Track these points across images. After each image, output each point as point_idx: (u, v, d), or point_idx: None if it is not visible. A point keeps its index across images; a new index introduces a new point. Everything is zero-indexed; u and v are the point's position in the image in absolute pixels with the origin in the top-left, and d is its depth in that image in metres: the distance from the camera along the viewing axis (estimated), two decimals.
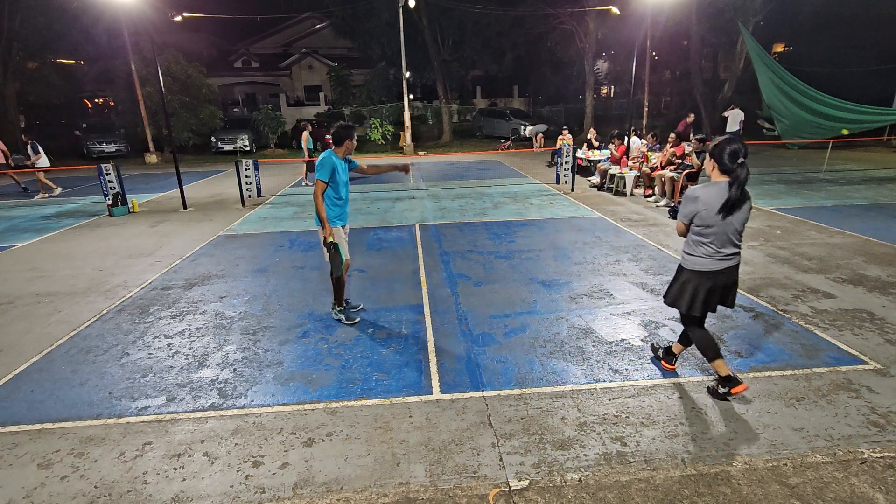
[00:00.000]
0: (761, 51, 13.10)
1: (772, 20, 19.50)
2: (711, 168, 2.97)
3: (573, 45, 23.72)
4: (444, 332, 4.26)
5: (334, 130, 4.27)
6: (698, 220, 2.97)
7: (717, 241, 2.97)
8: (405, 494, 2.50)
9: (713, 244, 2.98)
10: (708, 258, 3.02)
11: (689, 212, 3.00)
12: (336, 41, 32.37)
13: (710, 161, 2.95)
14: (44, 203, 11.24)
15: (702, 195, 2.92)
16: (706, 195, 2.91)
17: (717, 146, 2.91)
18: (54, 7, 17.93)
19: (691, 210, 2.98)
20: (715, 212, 2.88)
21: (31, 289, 5.63)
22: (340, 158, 4.25)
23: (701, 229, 2.98)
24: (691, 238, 3.07)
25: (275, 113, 22.30)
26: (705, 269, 3.03)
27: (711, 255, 3.00)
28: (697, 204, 2.94)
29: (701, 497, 2.44)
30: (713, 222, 2.92)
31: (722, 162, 2.89)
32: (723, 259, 3.01)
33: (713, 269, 3.02)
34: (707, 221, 2.93)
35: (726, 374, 3.13)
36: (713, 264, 3.02)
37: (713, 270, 3.03)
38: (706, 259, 3.02)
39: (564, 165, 10.89)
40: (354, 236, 7.42)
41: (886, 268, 5.54)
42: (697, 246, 3.04)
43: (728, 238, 2.97)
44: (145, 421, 3.16)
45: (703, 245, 3.01)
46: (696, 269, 3.06)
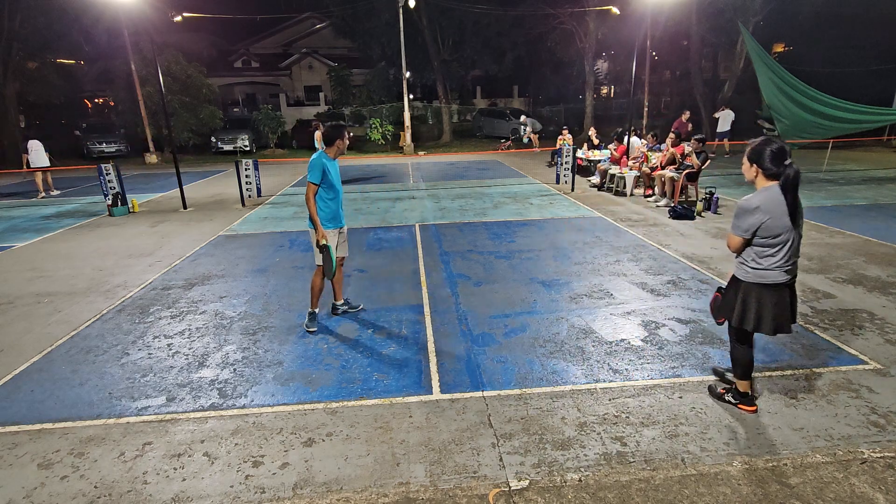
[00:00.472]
0: (761, 51, 13.09)
1: (772, 20, 19.50)
2: (755, 174, 2.75)
3: (573, 45, 23.71)
4: (444, 332, 4.26)
5: (325, 130, 4.25)
6: (763, 232, 2.68)
7: (786, 251, 2.71)
8: (405, 494, 2.50)
9: (781, 254, 2.72)
10: (776, 269, 2.74)
11: (750, 225, 2.69)
12: (336, 41, 32.36)
13: (752, 167, 2.73)
14: (44, 203, 11.24)
15: (762, 204, 2.65)
16: (766, 203, 2.64)
17: (756, 150, 2.70)
18: (54, 7, 17.91)
19: (753, 223, 2.68)
20: (780, 219, 2.63)
21: (31, 289, 5.63)
22: (332, 159, 4.22)
23: (767, 240, 2.70)
24: (754, 250, 2.77)
25: (275, 113, 22.29)
26: (772, 282, 2.77)
27: (780, 265, 2.73)
28: (758, 214, 2.65)
29: (701, 497, 2.44)
30: (780, 230, 2.65)
31: (765, 166, 2.67)
32: (790, 270, 2.77)
33: (780, 282, 2.77)
34: (773, 231, 2.66)
35: (745, 391, 3.07)
36: (781, 276, 2.76)
37: (780, 283, 2.77)
38: (774, 271, 2.75)
39: (564, 165, 10.89)
40: (354, 236, 7.42)
41: (886, 268, 5.54)
42: (763, 258, 2.75)
43: (796, 246, 2.73)
44: (145, 421, 3.16)
45: (769, 256, 2.74)
46: (762, 281, 2.78)
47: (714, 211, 8.35)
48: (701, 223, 7.75)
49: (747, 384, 3.06)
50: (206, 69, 21.98)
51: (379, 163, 17.48)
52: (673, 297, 4.87)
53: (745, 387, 3.06)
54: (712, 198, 8.38)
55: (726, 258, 6.00)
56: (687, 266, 5.75)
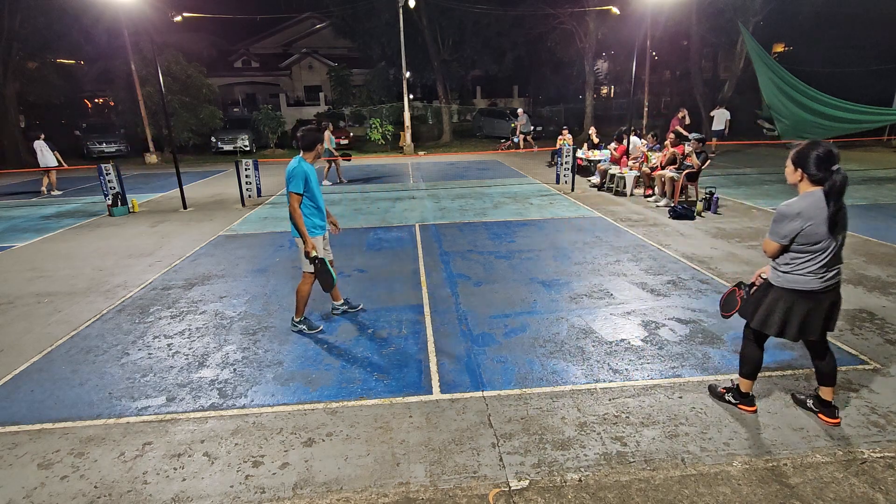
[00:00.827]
0: (761, 51, 13.09)
1: (772, 20, 19.50)
2: (799, 178, 2.63)
3: (573, 45, 23.71)
4: (444, 332, 4.26)
5: (302, 134, 4.01)
6: (802, 239, 2.58)
7: (823, 259, 2.60)
8: (405, 494, 2.50)
9: (818, 262, 2.61)
10: (811, 276, 2.64)
11: (790, 231, 2.59)
12: (336, 41, 32.35)
13: (796, 171, 2.63)
14: (44, 203, 11.25)
15: (803, 209, 2.55)
16: (807, 209, 2.54)
17: (801, 153, 2.59)
18: (54, 7, 17.91)
19: (793, 228, 2.57)
20: (820, 226, 2.53)
21: (31, 289, 5.63)
22: (311, 164, 4.05)
23: (805, 247, 2.60)
24: (789, 255, 2.69)
25: (275, 113, 22.30)
26: (805, 289, 2.67)
27: (816, 273, 2.63)
28: (798, 221, 2.55)
29: (701, 497, 2.44)
30: (820, 238, 2.55)
31: (810, 171, 2.56)
32: (826, 278, 2.65)
33: (814, 289, 2.66)
34: (812, 238, 2.56)
35: (746, 391, 3.06)
36: (815, 283, 2.65)
37: (814, 290, 2.66)
38: (809, 277, 2.65)
39: (564, 165, 10.89)
40: (354, 236, 7.43)
41: (886, 268, 5.54)
42: (798, 263, 2.66)
43: (835, 255, 2.62)
44: (145, 421, 3.16)
45: (804, 262, 2.65)
46: (794, 287, 2.68)
47: (714, 211, 8.35)
48: (701, 223, 7.75)
49: (750, 384, 3.04)
50: (206, 69, 21.97)
51: (379, 163, 17.48)
52: (673, 297, 4.87)
53: (748, 387, 3.05)
54: (712, 198, 8.38)
55: (726, 258, 6.00)
56: (687, 266, 5.75)
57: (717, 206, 8.40)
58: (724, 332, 4.11)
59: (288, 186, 3.94)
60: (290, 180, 3.92)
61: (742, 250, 6.30)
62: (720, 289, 5.03)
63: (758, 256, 6.04)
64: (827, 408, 2.97)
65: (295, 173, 3.91)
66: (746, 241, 6.68)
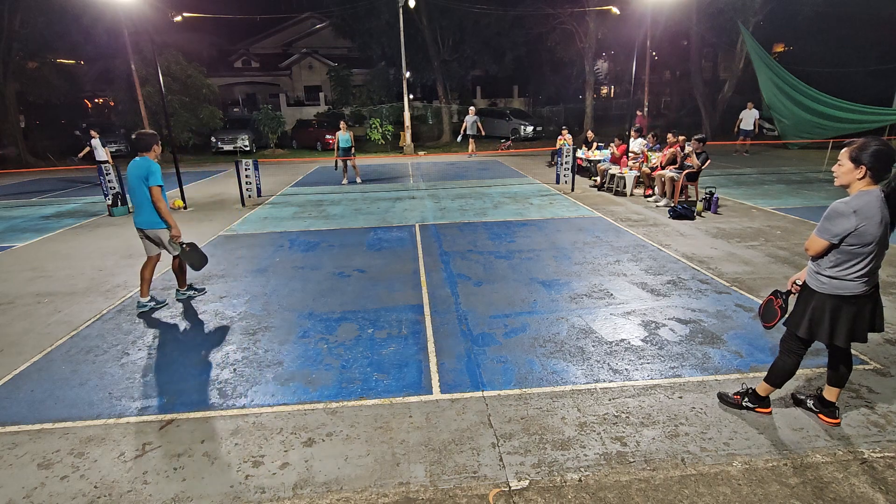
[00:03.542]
0: (761, 51, 13.12)
1: (772, 20, 19.51)
2: (859, 175, 2.50)
3: (573, 45, 23.71)
4: (444, 332, 4.26)
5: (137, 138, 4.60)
6: (853, 239, 2.47)
7: (870, 261, 2.52)
8: (405, 494, 2.50)
9: (864, 264, 2.52)
10: (858, 281, 2.56)
11: (844, 229, 2.48)
12: (336, 41, 32.36)
13: (858, 168, 2.49)
14: (44, 203, 11.25)
15: (860, 207, 2.44)
16: (864, 207, 2.44)
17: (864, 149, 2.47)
18: (54, 7, 17.90)
19: (847, 227, 2.47)
20: (873, 227, 2.44)
21: (31, 289, 5.63)
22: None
23: (855, 248, 2.50)
24: (836, 258, 2.57)
25: (275, 113, 22.29)
26: (850, 294, 2.58)
27: (860, 276, 2.55)
28: (854, 219, 2.45)
29: (701, 497, 2.44)
30: (871, 239, 2.46)
31: (876, 168, 2.46)
32: (872, 281, 2.58)
33: (858, 293, 2.58)
34: (866, 239, 2.46)
35: (765, 394, 3.01)
36: (860, 287, 2.57)
37: (858, 294, 2.58)
38: (856, 283, 2.56)
39: (564, 165, 10.90)
40: (354, 236, 7.43)
41: (886, 268, 5.54)
42: (846, 267, 2.55)
43: (880, 255, 2.54)
44: (145, 421, 3.16)
45: (854, 266, 2.54)
46: (839, 293, 2.59)
47: (714, 211, 8.35)
48: (701, 223, 7.75)
49: (772, 390, 2.98)
50: (206, 69, 21.97)
51: (379, 163, 17.48)
52: (673, 297, 4.87)
53: (768, 391, 2.99)
54: (712, 198, 8.37)
55: (726, 258, 6.00)
56: (687, 266, 5.75)
57: (717, 206, 8.40)
58: (723, 331, 4.11)
59: (148, 181, 4.51)
60: (150, 176, 4.50)
61: (742, 250, 6.30)
62: (720, 289, 5.04)
63: (758, 256, 6.04)
64: (827, 408, 2.96)
65: (153, 169, 4.51)
66: (746, 241, 6.68)
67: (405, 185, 12.26)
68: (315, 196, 11.12)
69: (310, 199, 10.70)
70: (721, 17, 18.56)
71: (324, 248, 6.92)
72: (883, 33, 17.87)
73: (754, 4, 17.71)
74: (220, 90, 26.82)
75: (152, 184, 4.50)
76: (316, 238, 7.44)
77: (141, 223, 4.74)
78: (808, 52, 20.00)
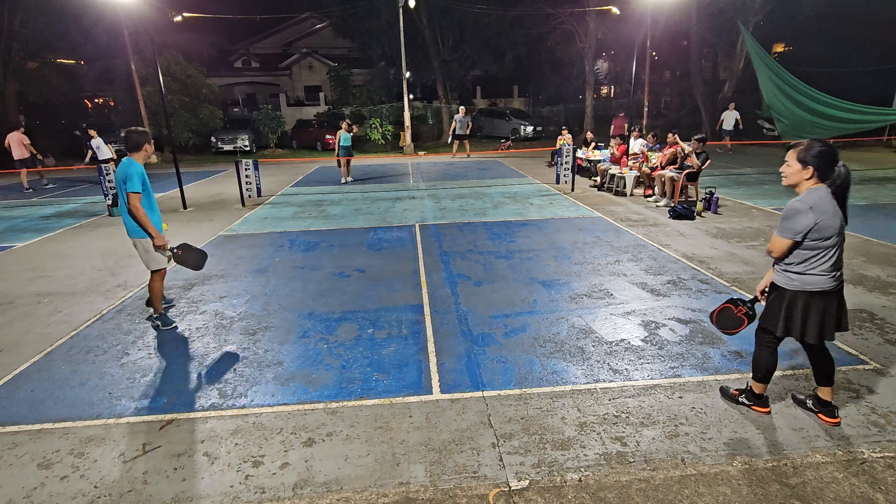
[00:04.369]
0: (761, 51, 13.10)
1: (772, 20, 19.51)
2: (808, 175, 2.62)
3: (573, 45, 23.70)
4: (444, 332, 4.26)
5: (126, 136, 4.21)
6: (815, 234, 2.57)
7: (835, 256, 2.63)
8: (405, 494, 2.50)
9: (831, 258, 2.62)
10: (825, 276, 2.64)
11: (804, 226, 2.57)
12: (336, 41, 32.35)
13: (805, 168, 2.62)
14: (44, 203, 11.25)
15: (814, 203, 2.56)
16: (818, 202, 2.56)
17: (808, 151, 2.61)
18: (54, 7, 17.90)
19: (807, 223, 2.56)
20: (831, 220, 2.55)
21: (31, 289, 5.63)
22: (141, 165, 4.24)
23: (817, 243, 2.59)
24: (802, 255, 2.65)
25: (275, 113, 22.29)
26: (819, 290, 2.65)
27: (829, 272, 2.63)
28: (812, 214, 2.54)
29: (701, 497, 2.44)
30: (832, 233, 2.57)
31: (820, 167, 2.59)
32: (837, 276, 2.67)
33: (827, 289, 2.66)
34: (825, 233, 2.56)
35: (760, 393, 3.04)
36: (828, 283, 2.65)
37: (827, 290, 2.66)
38: (823, 277, 2.64)
39: (564, 165, 10.90)
40: (354, 236, 7.43)
41: (886, 268, 5.54)
42: (811, 263, 2.64)
43: (839, 249, 2.64)
44: (145, 421, 3.16)
45: (820, 261, 2.62)
46: (809, 289, 2.67)
47: (714, 211, 8.35)
48: (701, 223, 7.75)
49: (763, 387, 3.02)
50: (206, 69, 21.97)
51: (379, 163, 17.48)
52: (673, 297, 4.87)
53: (761, 389, 3.03)
54: (712, 198, 8.38)
55: (726, 258, 6.00)
56: (687, 266, 5.75)
57: (717, 206, 8.40)
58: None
59: (125, 187, 4.08)
60: (127, 180, 4.07)
61: (742, 250, 6.30)
62: (720, 289, 5.04)
63: (758, 256, 6.04)
64: (826, 407, 2.96)
65: (130, 173, 4.07)
66: (746, 241, 6.68)
67: (405, 185, 12.26)
68: (315, 196, 11.12)
69: (310, 199, 10.70)
70: (721, 17, 18.57)
71: (324, 248, 6.92)
72: (883, 33, 17.86)
73: (754, 4, 17.71)
74: (220, 90, 26.81)
75: (129, 189, 4.07)
76: (316, 238, 7.44)
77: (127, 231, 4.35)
78: (808, 52, 19.98)
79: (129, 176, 4.08)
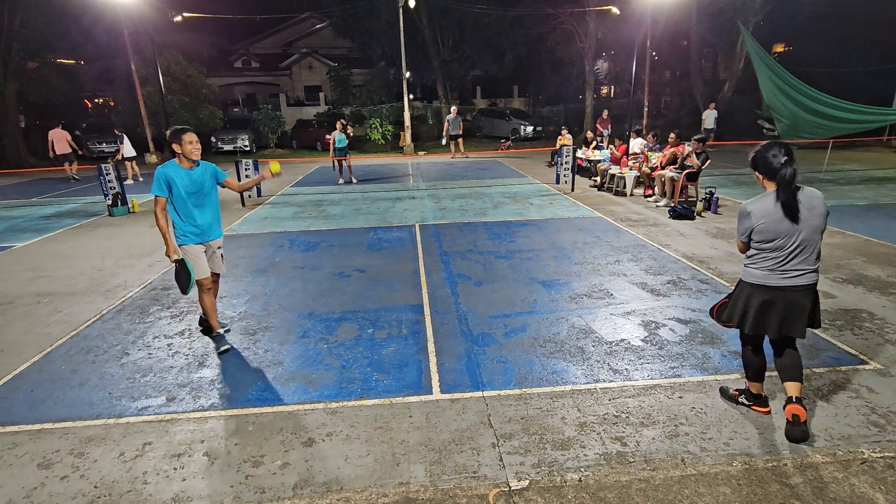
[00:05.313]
0: (761, 51, 13.09)
1: (772, 20, 19.52)
2: (759, 179, 2.78)
3: (573, 45, 23.71)
4: (444, 332, 4.26)
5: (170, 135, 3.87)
6: (756, 236, 2.73)
7: (779, 256, 2.70)
8: (405, 494, 2.50)
9: (773, 258, 2.73)
10: (767, 272, 2.76)
11: (744, 229, 2.77)
12: (336, 41, 32.40)
13: (756, 174, 2.77)
14: (44, 203, 11.25)
15: (754, 209, 2.71)
16: (758, 208, 2.70)
17: (754, 155, 2.73)
18: (54, 7, 17.90)
19: (746, 227, 2.76)
20: (774, 224, 2.65)
21: (31, 289, 5.63)
22: (181, 166, 3.87)
23: (759, 244, 2.75)
24: (750, 251, 2.84)
25: (275, 113, 22.29)
26: (761, 284, 2.79)
27: (772, 269, 2.74)
28: (751, 219, 2.71)
29: (701, 497, 2.44)
30: (774, 235, 2.67)
31: (761, 170, 2.71)
32: (786, 276, 2.72)
33: (770, 285, 2.76)
34: (765, 236, 2.69)
35: (758, 392, 3.05)
36: (772, 279, 2.75)
37: (770, 286, 2.76)
38: (764, 272, 2.77)
39: (564, 165, 10.90)
40: (354, 236, 7.43)
41: (886, 268, 5.54)
42: (756, 259, 2.80)
43: (793, 252, 2.68)
44: (145, 421, 3.16)
45: (761, 259, 2.78)
46: (751, 281, 2.82)
47: (714, 211, 8.35)
48: (701, 223, 7.75)
49: (759, 386, 3.03)
50: (206, 69, 21.99)
51: (379, 163, 17.48)
52: (673, 297, 4.87)
53: (758, 388, 3.04)
54: (712, 198, 8.38)
55: (726, 258, 6.00)
56: (687, 266, 5.75)
57: (717, 206, 8.40)
58: (724, 331, 4.11)
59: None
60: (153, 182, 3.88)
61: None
62: (720, 289, 5.04)
63: None
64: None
65: (156, 176, 3.88)
66: None
67: (405, 185, 12.26)
68: (315, 196, 11.12)
69: (310, 199, 10.70)
70: (721, 17, 18.58)
71: (324, 248, 6.92)
72: (883, 33, 17.87)
73: (754, 4, 17.72)
74: (220, 90, 26.82)
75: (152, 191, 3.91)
76: (316, 238, 7.44)
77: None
78: (808, 52, 19.99)
79: (154, 179, 3.91)
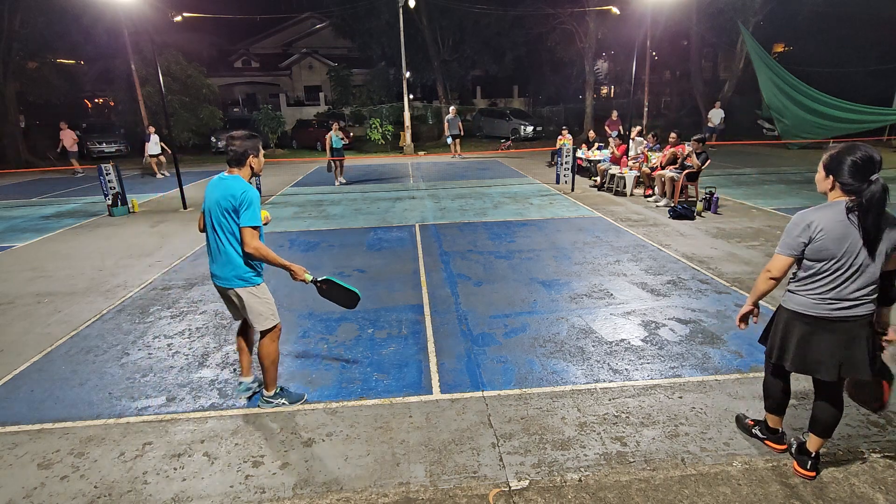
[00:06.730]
0: (761, 51, 13.11)
1: (772, 20, 19.52)
2: (829, 186, 2.27)
3: (573, 45, 23.72)
4: (444, 332, 4.26)
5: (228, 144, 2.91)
6: (810, 253, 2.24)
7: (834, 280, 2.24)
8: (405, 494, 2.50)
9: (825, 283, 2.26)
10: (816, 298, 2.29)
11: (798, 243, 2.25)
12: (336, 41, 32.40)
13: (827, 178, 2.27)
14: (44, 203, 11.25)
15: (815, 219, 2.21)
16: (821, 219, 2.20)
17: (835, 157, 2.22)
18: (54, 7, 17.89)
19: (803, 240, 2.23)
20: (837, 241, 2.18)
21: (31, 289, 5.63)
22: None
23: (812, 263, 2.27)
24: (798, 272, 2.38)
25: (275, 113, 22.30)
26: (806, 313, 2.33)
27: (822, 295, 2.28)
28: (809, 231, 2.21)
29: (701, 497, 2.44)
30: (833, 254, 2.20)
31: (843, 179, 2.19)
32: (838, 306, 2.26)
33: (817, 315, 2.30)
34: (822, 255, 2.22)
35: (775, 427, 2.73)
36: (820, 308, 2.29)
37: (816, 317, 2.31)
38: (812, 300, 2.30)
39: (564, 165, 10.90)
40: (355, 236, 7.43)
41: None
42: (804, 282, 2.33)
43: (852, 276, 2.21)
44: (145, 421, 3.16)
45: (812, 283, 2.30)
46: (794, 309, 2.37)
47: (714, 211, 8.35)
48: (701, 223, 7.75)
49: (777, 420, 2.71)
50: (206, 69, 21.98)
51: (379, 163, 17.48)
52: (673, 297, 4.87)
53: (775, 422, 2.72)
54: (712, 198, 8.37)
55: (726, 258, 6.00)
56: (687, 266, 5.75)
57: (717, 206, 8.40)
58: (724, 331, 4.11)
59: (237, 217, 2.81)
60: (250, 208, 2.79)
61: (742, 250, 6.30)
62: (720, 289, 5.03)
63: (758, 256, 6.04)
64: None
65: (246, 199, 2.78)
66: (746, 241, 6.68)
67: (405, 185, 12.26)
68: (315, 196, 11.12)
69: (310, 199, 10.70)
70: (721, 17, 18.58)
71: (324, 248, 6.92)
72: (883, 33, 17.86)
73: (754, 4, 17.72)
74: (220, 90, 26.81)
75: (245, 223, 2.80)
76: (316, 238, 7.44)
77: (216, 274, 3.03)
78: (808, 52, 19.99)
79: (247, 202, 2.78)
